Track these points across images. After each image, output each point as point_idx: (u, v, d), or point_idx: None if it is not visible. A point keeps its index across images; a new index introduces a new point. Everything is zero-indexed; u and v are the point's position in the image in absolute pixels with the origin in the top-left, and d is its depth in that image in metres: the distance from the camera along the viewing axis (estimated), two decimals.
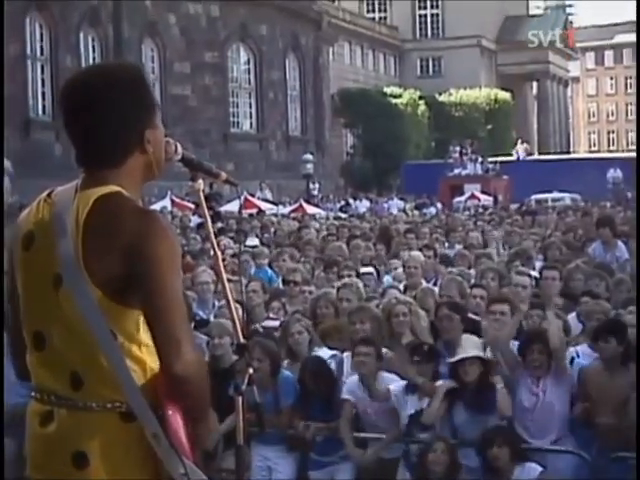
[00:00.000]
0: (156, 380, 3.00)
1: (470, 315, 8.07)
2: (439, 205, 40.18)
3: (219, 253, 3.40)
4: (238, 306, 3.43)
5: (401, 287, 10.36)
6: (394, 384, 7.25)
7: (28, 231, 3.12)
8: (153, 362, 3.01)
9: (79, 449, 3.01)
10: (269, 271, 12.17)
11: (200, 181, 3.33)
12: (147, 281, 2.93)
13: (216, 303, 9.73)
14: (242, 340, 3.25)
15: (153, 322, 2.94)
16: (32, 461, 3.15)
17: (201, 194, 3.34)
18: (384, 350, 7.65)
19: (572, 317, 8.34)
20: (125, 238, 2.95)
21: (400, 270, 11.65)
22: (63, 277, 3.01)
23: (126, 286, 2.96)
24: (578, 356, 7.37)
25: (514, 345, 7.32)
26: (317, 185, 43.40)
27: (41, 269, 3.07)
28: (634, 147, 67.53)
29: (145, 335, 3.01)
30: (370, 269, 11.73)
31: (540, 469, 6.52)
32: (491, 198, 41.52)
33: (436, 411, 7.00)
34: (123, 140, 3.09)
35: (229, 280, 3.42)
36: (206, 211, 3.36)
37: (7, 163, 30.97)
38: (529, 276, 9.65)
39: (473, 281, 9.97)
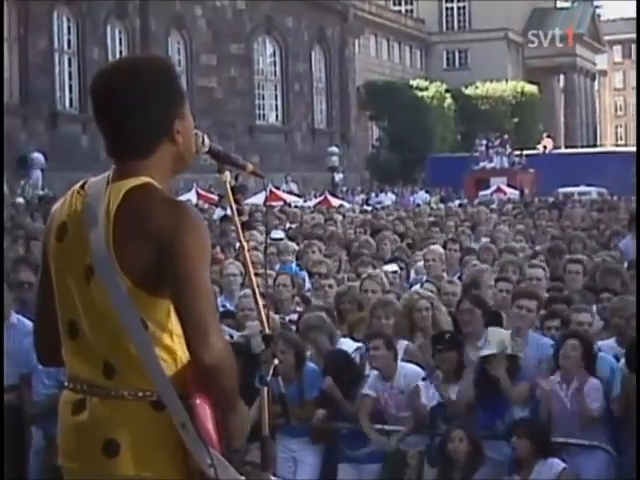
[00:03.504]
0: (185, 370, 3.02)
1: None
2: (464, 198, 40.05)
3: (245, 245, 3.41)
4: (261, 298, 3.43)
5: (424, 280, 10.35)
6: (415, 375, 7.26)
7: (62, 222, 3.15)
8: (184, 352, 3.02)
9: (110, 437, 3.03)
10: (294, 267, 12.17)
11: (227, 173, 3.34)
12: (176, 272, 2.96)
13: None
14: (268, 331, 3.27)
15: (182, 312, 2.97)
16: (63, 449, 3.17)
17: (228, 186, 3.35)
18: (406, 342, 7.65)
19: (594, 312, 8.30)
20: (155, 229, 2.97)
21: (421, 263, 11.63)
22: (94, 268, 3.03)
23: (157, 276, 2.98)
24: (600, 350, 7.33)
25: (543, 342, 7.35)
26: (341, 175, 43.34)
27: (74, 260, 3.09)
28: None
29: (176, 325, 3.03)
30: (395, 267, 11.68)
31: (563, 465, 6.46)
32: (517, 191, 41.37)
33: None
34: (152, 131, 3.12)
35: (256, 274, 3.43)
36: (233, 203, 3.37)
37: (39, 155, 31.19)
38: (543, 269, 9.64)
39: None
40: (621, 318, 7.67)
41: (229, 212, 3.54)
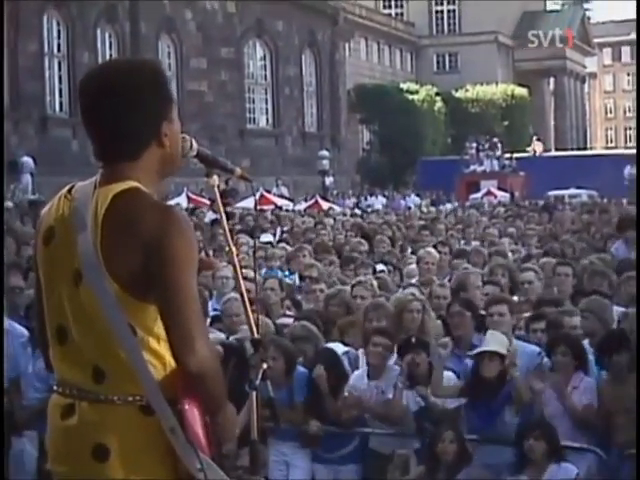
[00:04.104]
0: (174, 375, 3.02)
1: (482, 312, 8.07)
2: (455, 202, 40.11)
3: (234, 249, 3.41)
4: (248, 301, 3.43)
5: (414, 283, 10.36)
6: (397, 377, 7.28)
7: (49, 227, 3.16)
8: (172, 357, 3.03)
9: (100, 442, 3.03)
10: (279, 273, 12.15)
11: (215, 177, 3.34)
12: (162, 277, 2.96)
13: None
14: (256, 335, 3.27)
15: (167, 318, 2.97)
16: (53, 453, 3.17)
17: (216, 190, 3.35)
18: None
19: None
20: (143, 234, 2.97)
21: (412, 266, 11.63)
22: (83, 273, 3.03)
23: (144, 281, 2.97)
24: None
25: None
26: (332, 179, 43.31)
27: (61, 265, 3.09)
28: None
29: (163, 330, 3.03)
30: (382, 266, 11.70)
31: (576, 471, 6.43)
32: (507, 194, 41.44)
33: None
34: (140, 132, 3.11)
35: (245, 278, 3.43)
36: (221, 207, 3.37)
37: (28, 160, 31.14)
38: (535, 272, 9.65)
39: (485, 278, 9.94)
40: (587, 319, 7.69)
41: (216, 216, 3.53)
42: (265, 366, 3.24)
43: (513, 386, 6.90)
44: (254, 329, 3.27)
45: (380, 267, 11.64)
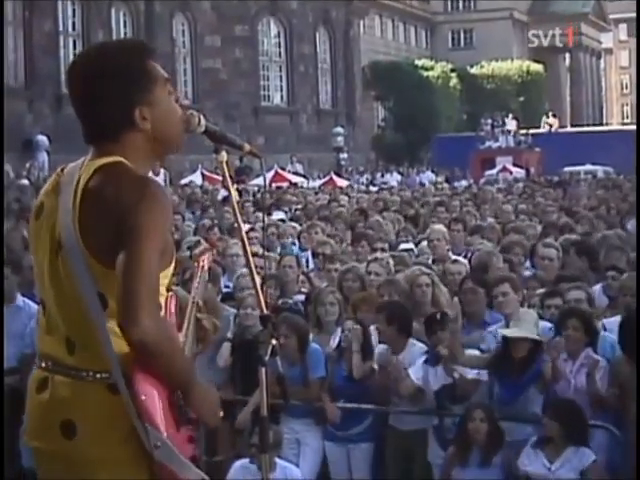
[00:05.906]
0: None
1: None
2: (470, 178, 39.98)
3: (243, 225, 3.39)
4: (259, 278, 3.41)
5: (430, 260, 10.32)
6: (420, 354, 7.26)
7: (40, 202, 3.21)
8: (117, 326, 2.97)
9: (68, 417, 3.03)
10: (295, 249, 12.15)
11: (223, 153, 3.32)
12: (124, 245, 2.92)
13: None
14: (265, 312, 3.26)
15: (119, 286, 2.92)
16: (28, 428, 3.19)
17: (224, 166, 3.33)
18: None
19: (598, 290, 8.27)
20: (118, 205, 2.97)
21: (425, 243, 11.60)
22: (62, 244, 3.05)
23: (117, 252, 2.95)
24: (605, 329, 7.31)
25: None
26: (346, 155, 43.21)
27: (46, 237, 3.12)
28: None
29: None
30: (411, 245, 11.71)
31: (593, 457, 6.37)
32: (523, 171, 41.29)
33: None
34: (111, 117, 3.11)
35: (254, 254, 3.42)
36: (230, 184, 3.35)
37: (43, 138, 31.18)
38: (556, 249, 9.57)
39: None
40: (626, 296, 7.65)
41: (227, 193, 3.51)
42: (274, 342, 3.23)
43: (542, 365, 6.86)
44: (263, 305, 3.26)
45: (404, 245, 11.63)
